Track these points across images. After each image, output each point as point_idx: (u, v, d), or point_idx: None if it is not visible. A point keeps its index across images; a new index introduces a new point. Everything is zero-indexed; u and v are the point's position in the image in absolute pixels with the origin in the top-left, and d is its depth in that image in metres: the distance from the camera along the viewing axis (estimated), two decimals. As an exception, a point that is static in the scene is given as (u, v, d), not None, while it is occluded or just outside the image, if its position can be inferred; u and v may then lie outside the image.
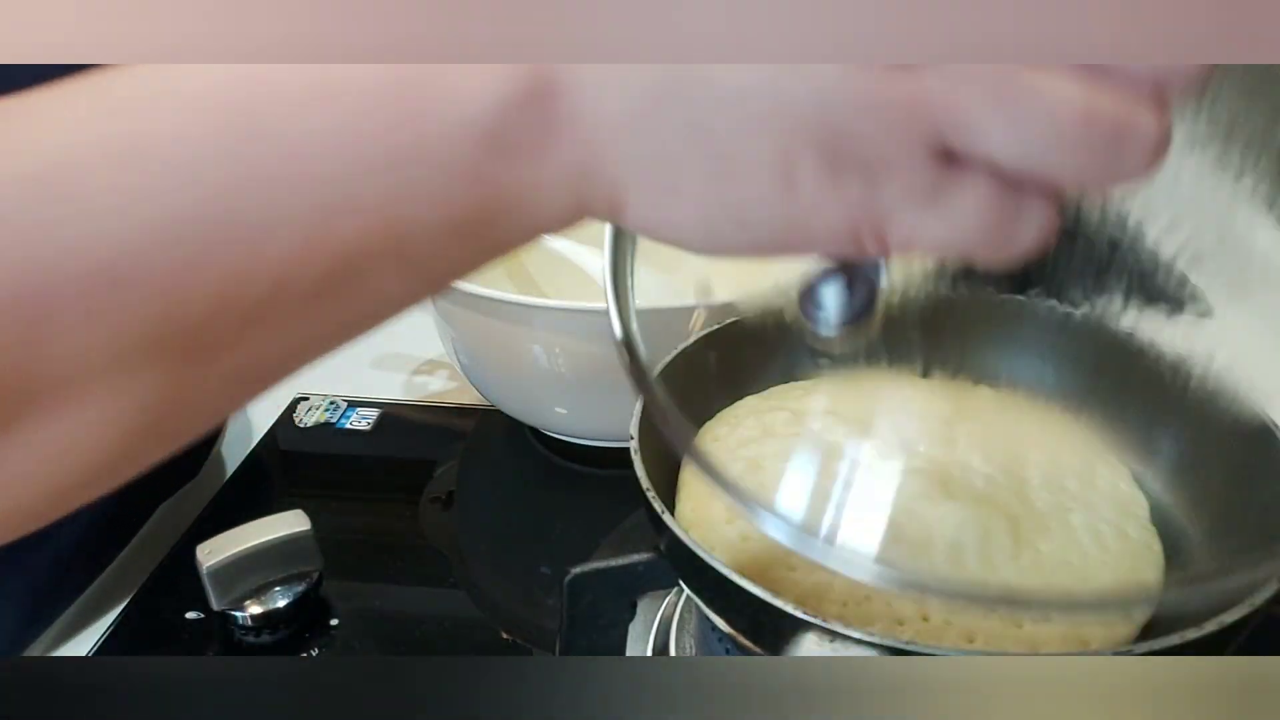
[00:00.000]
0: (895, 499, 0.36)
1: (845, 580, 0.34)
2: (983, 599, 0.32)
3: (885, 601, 0.34)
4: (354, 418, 0.63)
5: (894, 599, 0.34)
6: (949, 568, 0.35)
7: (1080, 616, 0.34)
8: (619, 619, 0.39)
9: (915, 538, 0.35)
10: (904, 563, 0.34)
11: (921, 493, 0.37)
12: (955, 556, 0.35)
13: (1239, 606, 0.29)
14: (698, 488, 0.39)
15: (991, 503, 0.37)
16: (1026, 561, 0.36)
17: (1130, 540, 0.38)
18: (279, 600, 0.47)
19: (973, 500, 0.37)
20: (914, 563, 0.35)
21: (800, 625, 0.29)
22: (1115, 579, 0.36)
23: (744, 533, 0.36)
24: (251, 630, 0.47)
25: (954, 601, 0.33)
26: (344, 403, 0.64)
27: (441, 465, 0.61)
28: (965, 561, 0.35)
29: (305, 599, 0.48)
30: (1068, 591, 0.35)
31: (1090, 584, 0.35)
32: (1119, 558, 0.37)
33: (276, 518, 0.48)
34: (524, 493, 0.60)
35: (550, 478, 0.60)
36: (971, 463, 0.40)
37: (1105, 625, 0.34)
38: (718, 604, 0.34)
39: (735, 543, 0.36)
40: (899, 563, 0.33)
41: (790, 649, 0.30)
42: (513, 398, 0.58)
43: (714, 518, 0.37)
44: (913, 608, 0.34)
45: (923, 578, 0.28)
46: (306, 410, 0.64)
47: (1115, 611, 0.34)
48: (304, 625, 0.48)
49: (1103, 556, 0.37)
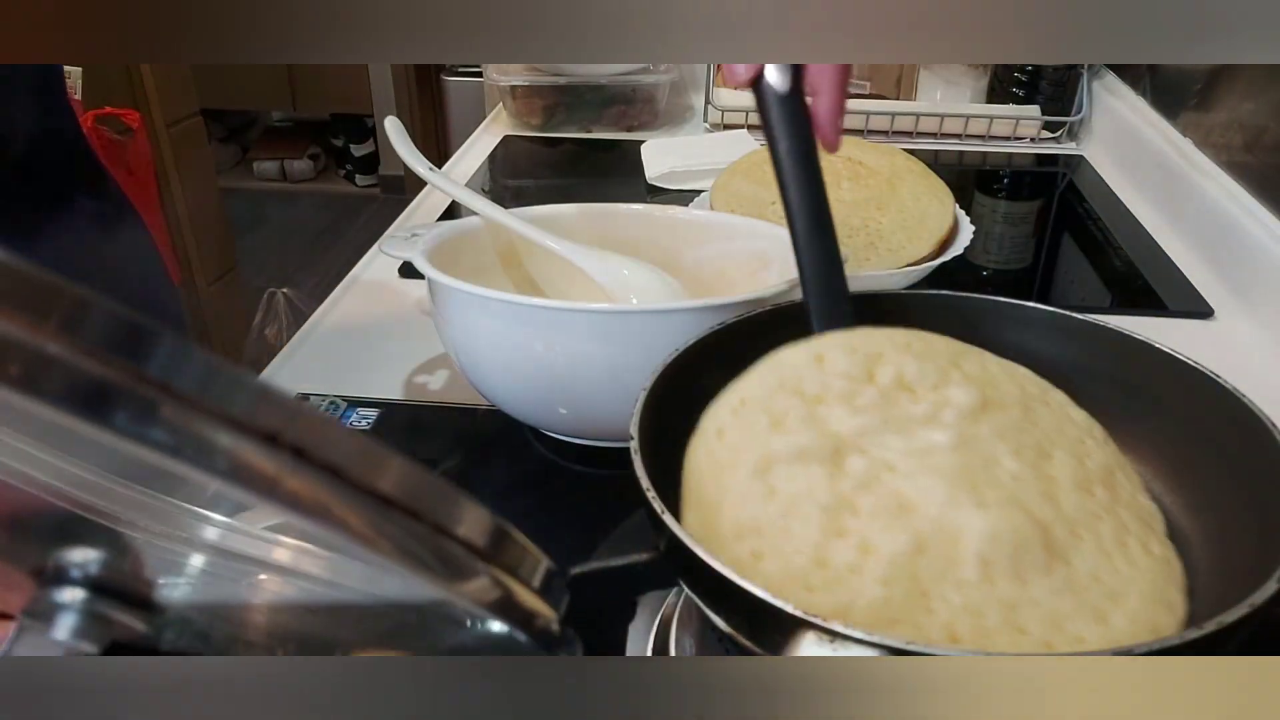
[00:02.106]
0: (920, 504, 0.34)
1: (868, 601, 0.32)
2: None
3: (914, 625, 0.32)
4: (354, 418, 0.63)
5: (921, 620, 0.32)
6: (976, 585, 0.32)
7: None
8: (619, 619, 0.39)
9: (940, 551, 0.33)
10: (926, 579, 0.33)
11: (947, 499, 0.34)
12: (985, 572, 0.33)
13: (1239, 606, 0.29)
14: (703, 498, 0.38)
15: (1023, 507, 0.35)
16: (1059, 578, 0.33)
17: (1154, 557, 0.36)
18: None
19: (1004, 504, 0.35)
20: (937, 579, 0.33)
21: (800, 625, 0.29)
22: (1142, 599, 0.34)
23: (756, 550, 0.35)
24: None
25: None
26: (344, 403, 0.64)
27: (441, 465, 0.61)
28: (995, 578, 0.33)
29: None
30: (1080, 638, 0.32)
31: (1119, 604, 0.33)
32: (1147, 575, 0.35)
33: (277, 518, 0.48)
34: (524, 493, 0.60)
35: (550, 478, 0.60)
36: (999, 457, 0.37)
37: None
38: (717, 604, 0.33)
39: (747, 560, 0.35)
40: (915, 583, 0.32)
41: (790, 649, 0.30)
42: (513, 398, 0.58)
43: (723, 534, 0.36)
44: (940, 631, 0.32)
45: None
46: (306, 410, 0.64)
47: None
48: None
49: (1131, 573, 0.34)
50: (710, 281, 0.66)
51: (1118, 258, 0.89)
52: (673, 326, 0.46)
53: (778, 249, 0.62)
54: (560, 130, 1.22)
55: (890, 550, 0.33)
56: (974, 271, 0.87)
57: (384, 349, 0.72)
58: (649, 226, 0.68)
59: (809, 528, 0.34)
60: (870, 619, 0.32)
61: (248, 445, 0.18)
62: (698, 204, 0.86)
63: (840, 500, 0.35)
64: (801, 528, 0.34)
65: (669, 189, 1.02)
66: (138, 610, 0.29)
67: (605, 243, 0.64)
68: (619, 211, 0.68)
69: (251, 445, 0.18)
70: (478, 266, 0.64)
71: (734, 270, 0.66)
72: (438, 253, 0.59)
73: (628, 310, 0.54)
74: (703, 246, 0.67)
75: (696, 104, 1.26)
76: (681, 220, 0.69)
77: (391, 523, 0.21)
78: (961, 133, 1.17)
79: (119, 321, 0.17)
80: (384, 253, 0.66)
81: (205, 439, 0.17)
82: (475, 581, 0.23)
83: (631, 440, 0.37)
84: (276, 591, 0.30)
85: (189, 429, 0.17)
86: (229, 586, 0.31)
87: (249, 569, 0.28)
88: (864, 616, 0.32)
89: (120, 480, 0.20)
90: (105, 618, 0.29)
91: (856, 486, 0.35)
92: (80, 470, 0.21)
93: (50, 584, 0.28)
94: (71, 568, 0.28)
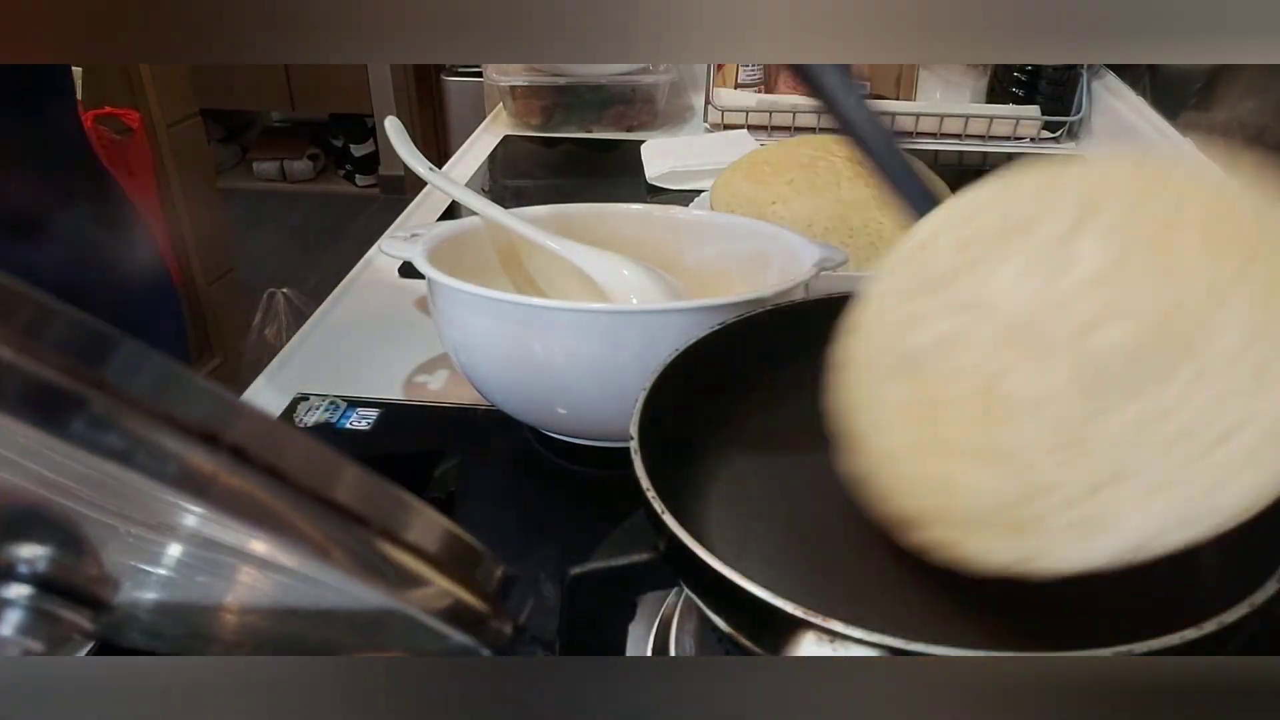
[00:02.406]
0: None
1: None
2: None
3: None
4: (354, 418, 0.63)
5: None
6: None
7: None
8: (619, 619, 0.39)
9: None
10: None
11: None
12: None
13: (1239, 606, 0.29)
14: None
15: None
16: (1174, 393, 0.29)
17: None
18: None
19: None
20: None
21: (800, 625, 0.29)
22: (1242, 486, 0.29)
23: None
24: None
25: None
26: (344, 403, 0.64)
27: (441, 465, 0.61)
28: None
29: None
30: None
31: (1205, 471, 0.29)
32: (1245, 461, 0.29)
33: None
34: (524, 493, 0.60)
35: (550, 478, 0.60)
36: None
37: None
38: (717, 604, 0.33)
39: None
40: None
41: (790, 649, 0.30)
42: (513, 398, 0.58)
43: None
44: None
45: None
46: (306, 410, 0.64)
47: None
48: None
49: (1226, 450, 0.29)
50: (710, 281, 0.66)
51: (1118, 258, 0.89)
52: (672, 326, 0.46)
53: (778, 249, 0.62)
54: (560, 130, 1.22)
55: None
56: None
57: (384, 349, 0.72)
58: (649, 226, 0.68)
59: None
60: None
61: (191, 448, 0.18)
62: (698, 204, 0.86)
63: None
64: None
65: (669, 189, 1.02)
66: (86, 608, 0.29)
67: (605, 243, 0.64)
68: (619, 211, 0.68)
69: (195, 448, 0.18)
70: (478, 266, 0.64)
71: (734, 270, 0.66)
72: (438, 253, 0.59)
73: (627, 310, 0.54)
74: (703, 246, 0.67)
75: (696, 104, 1.26)
76: (681, 220, 0.69)
77: (338, 528, 0.20)
78: (961, 133, 1.17)
79: (78, 327, 0.17)
80: (384, 253, 0.66)
81: (154, 444, 0.17)
82: (423, 589, 0.23)
83: (631, 440, 0.37)
84: (244, 588, 0.30)
85: (138, 434, 0.17)
86: (185, 583, 0.30)
87: (216, 561, 0.28)
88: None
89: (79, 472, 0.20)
90: (53, 615, 0.28)
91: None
92: (37, 465, 0.21)
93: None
94: (19, 563, 0.28)
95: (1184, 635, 0.28)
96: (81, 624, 0.29)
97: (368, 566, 0.21)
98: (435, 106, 2.96)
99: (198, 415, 0.18)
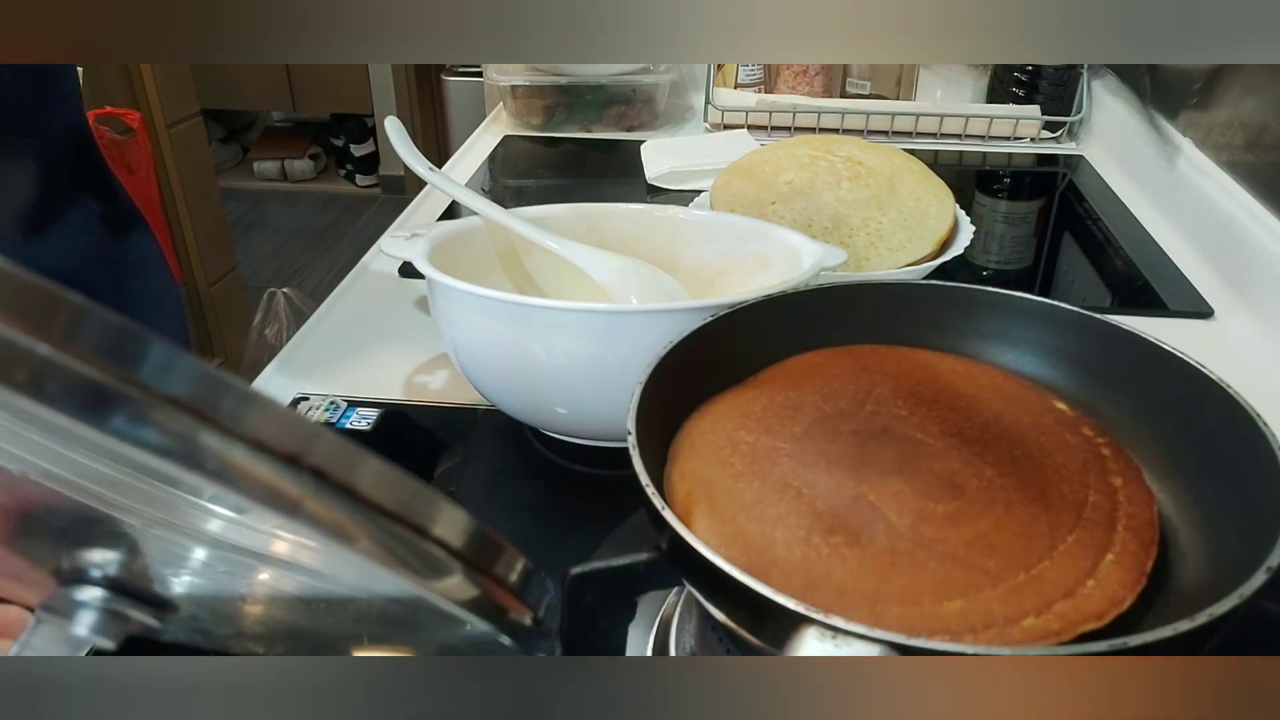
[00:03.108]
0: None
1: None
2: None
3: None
4: (354, 418, 0.63)
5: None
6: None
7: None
8: (619, 619, 0.39)
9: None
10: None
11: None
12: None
13: (1229, 598, 0.29)
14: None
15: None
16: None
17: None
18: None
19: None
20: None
21: (802, 621, 0.29)
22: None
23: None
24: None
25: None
26: (344, 403, 0.64)
27: (441, 465, 0.61)
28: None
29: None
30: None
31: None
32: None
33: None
34: (524, 493, 0.60)
35: (550, 478, 0.60)
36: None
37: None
38: (721, 601, 0.33)
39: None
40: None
41: (793, 644, 0.30)
42: (513, 398, 0.58)
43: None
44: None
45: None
46: (307, 410, 0.64)
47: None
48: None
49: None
50: (710, 281, 0.66)
51: (1118, 258, 0.89)
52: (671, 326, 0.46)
53: (778, 249, 0.62)
54: (560, 130, 1.22)
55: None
56: (974, 271, 0.87)
57: (384, 349, 0.72)
58: (649, 226, 0.68)
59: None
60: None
61: (241, 451, 0.18)
62: (698, 204, 0.86)
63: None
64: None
65: (669, 189, 1.02)
66: (149, 607, 0.31)
67: (605, 243, 0.64)
68: (618, 211, 0.68)
69: (244, 451, 0.18)
70: (478, 266, 0.64)
71: (734, 270, 0.66)
72: (438, 253, 0.59)
73: (626, 310, 0.54)
74: (703, 246, 0.67)
75: (696, 104, 1.26)
76: (681, 220, 0.69)
77: (369, 520, 0.21)
78: (961, 133, 1.17)
79: (119, 329, 0.17)
80: (384, 253, 0.66)
81: (200, 444, 0.18)
82: (450, 579, 0.24)
83: (629, 435, 0.37)
84: (273, 585, 0.31)
85: (190, 436, 0.18)
86: (227, 580, 0.31)
87: (248, 562, 0.28)
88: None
89: (129, 473, 0.21)
90: (121, 614, 0.30)
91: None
92: (91, 462, 0.21)
93: (69, 582, 0.30)
94: (90, 567, 0.30)
95: (1177, 628, 0.29)
96: (148, 622, 0.31)
97: (397, 556, 0.22)
98: (435, 106, 2.96)
99: (243, 419, 0.19)
